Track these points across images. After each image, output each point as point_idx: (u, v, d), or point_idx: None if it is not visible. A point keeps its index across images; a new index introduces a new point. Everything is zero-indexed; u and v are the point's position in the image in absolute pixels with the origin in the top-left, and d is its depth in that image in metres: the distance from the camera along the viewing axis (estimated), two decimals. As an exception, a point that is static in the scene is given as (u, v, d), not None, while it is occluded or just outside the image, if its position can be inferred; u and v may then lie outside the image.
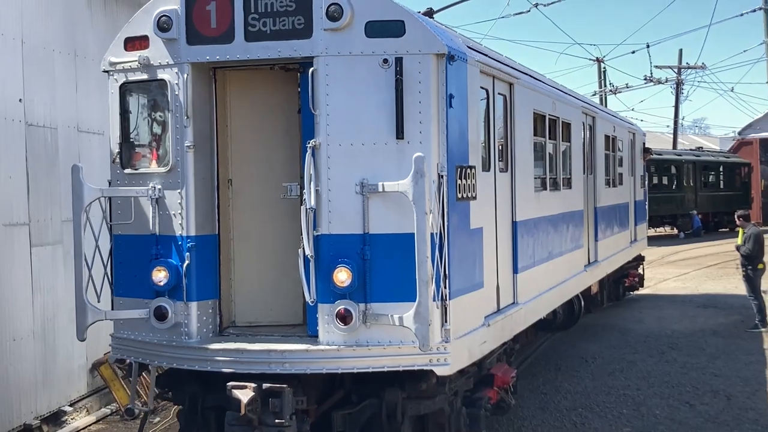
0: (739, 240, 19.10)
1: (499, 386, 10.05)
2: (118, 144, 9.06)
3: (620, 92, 51.14)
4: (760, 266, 18.46)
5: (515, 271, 10.80)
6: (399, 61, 8.08)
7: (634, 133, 23.12)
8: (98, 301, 8.93)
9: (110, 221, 9.07)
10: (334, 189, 8.19)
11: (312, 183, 8.07)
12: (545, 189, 12.54)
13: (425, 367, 8.16)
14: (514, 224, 10.80)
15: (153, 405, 9.05)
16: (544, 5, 32.07)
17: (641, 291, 24.30)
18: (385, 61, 8.13)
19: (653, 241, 39.89)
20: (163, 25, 8.57)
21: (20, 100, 11.45)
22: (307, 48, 8.23)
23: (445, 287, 8.20)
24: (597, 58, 50.06)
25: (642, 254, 24.21)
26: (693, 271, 30.48)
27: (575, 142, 14.84)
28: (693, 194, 47.64)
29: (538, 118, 12.34)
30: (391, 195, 8.04)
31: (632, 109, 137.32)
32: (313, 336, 8.30)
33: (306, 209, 8.02)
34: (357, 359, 8.13)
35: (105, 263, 9.05)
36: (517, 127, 10.95)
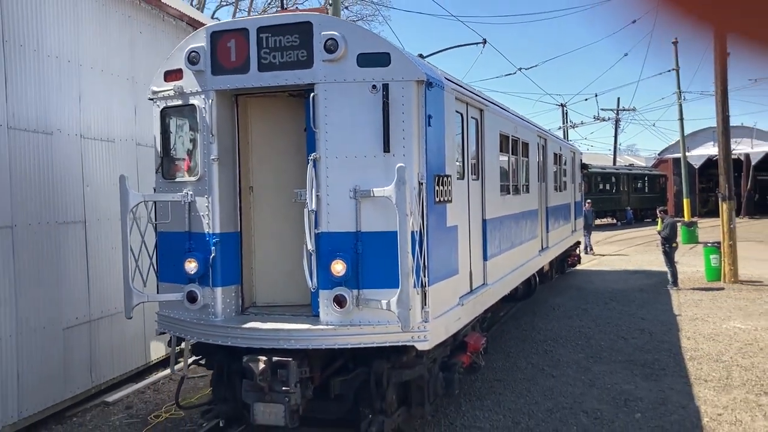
0: (659, 227, 19.15)
1: (471, 351, 8.50)
2: (159, 158, 7.60)
3: (577, 127, 54.90)
4: (674, 245, 18.30)
5: (485, 258, 9.23)
6: (386, 86, 6.55)
7: (574, 152, 21.43)
8: (144, 286, 7.49)
9: (155, 221, 7.60)
10: (332, 194, 6.68)
11: (313, 189, 6.58)
12: (509, 193, 10.95)
13: (408, 343, 6.64)
14: (484, 222, 9.23)
15: (187, 372, 7.55)
16: (525, 69, 35.39)
17: (581, 266, 23.19)
18: (374, 87, 6.60)
19: (599, 228, 40.93)
20: (192, 59, 7.10)
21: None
22: (308, 76, 6.71)
23: (424, 276, 6.68)
24: (561, 103, 50.45)
25: (578, 240, 22.56)
26: (627, 248, 30.46)
27: (532, 157, 13.21)
28: (627, 196, 49.30)
29: (503, 139, 10.75)
30: (379, 199, 6.53)
31: (585, 138, 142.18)
32: (316, 316, 6.80)
33: (308, 211, 6.53)
34: (351, 336, 6.61)
35: (151, 255, 7.59)
36: (487, 144, 9.37)
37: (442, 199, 7.22)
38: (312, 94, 6.68)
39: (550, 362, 10.79)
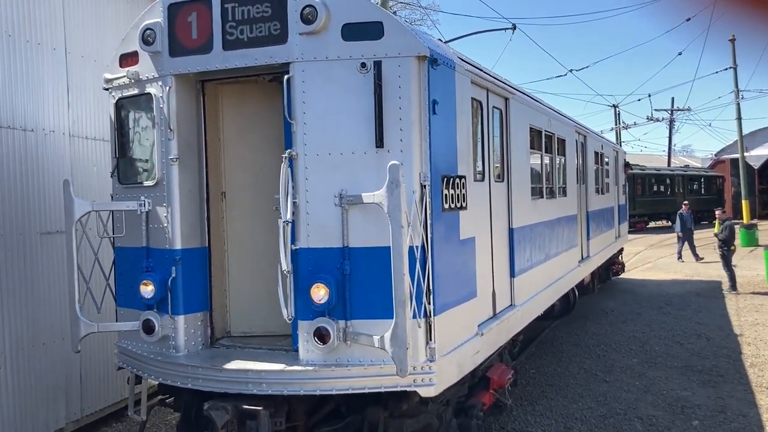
0: (716, 229, 18.77)
1: (495, 388, 7.08)
2: (115, 159, 6.39)
3: (630, 128, 53.68)
4: (732, 248, 17.92)
5: (512, 275, 7.80)
6: (378, 65, 5.21)
7: (617, 151, 19.71)
8: (98, 312, 6.27)
9: (108, 234, 6.39)
10: (313, 201, 5.36)
11: (289, 195, 5.28)
12: (542, 197, 9.48)
13: (408, 389, 5.27)
14: (511, 231, 7.80)
15: (146, 416, 6.29)
16: (576, 70, 34.88)
17: (634, 270, 22.59)
18: (363, 65, 5.27)
19: (654, 230, 42.16)
20: (147, 38, 5.87)
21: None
22: (282, 54, 5.41)
23: (429, 303, 5.31)
24: (613, 104, 50.19)
25: (622, 247, 20.81)
26: (683, 251, 28.89)
27: (569, 156, 11.69)
28: (682, 197, 47.40)
29: (535, 133, 9.31)
30: (370, 206, 5.19)
31: (638, 139, 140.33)
32: (296, 351, 5.49)
33: (282, 222, 5.23)
34: (336, 380, 5.27)
35: (107, 275, 6.39)
36: (513, 139, 7.94)
37: (452, 206, 5.84)
38: (286, 77, 5.39)
39: (603, 367, 10.51)
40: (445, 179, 5.69)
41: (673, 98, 58.35)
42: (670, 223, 46.11)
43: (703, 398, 8.84)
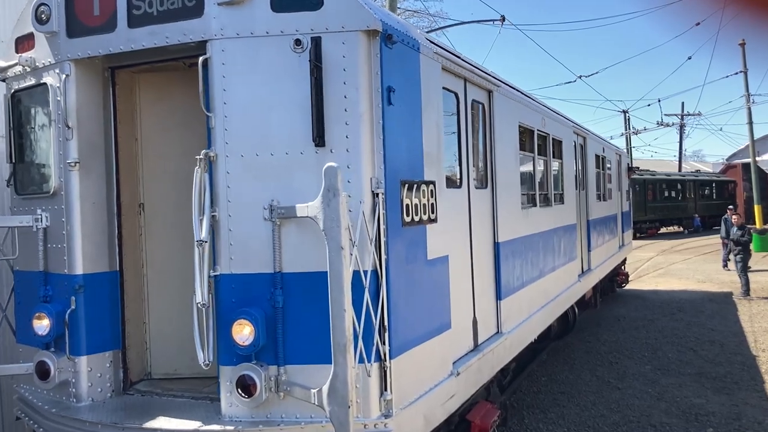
0: (722, 233, 19.13)
1: (478, 434, 5.96)
2: (11, 164, 5.30)
3: (640, 133, 52.25)
4: (749, 252, 17.73)
5: (499, 297, 6.70)
6: (316, 41, 4.13)
7: (620, 155, 18.58)
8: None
9: (4, 255, 5.30)
10: (236, 214, 4.26)
11: (206, 207, 4.19)
12: (534, 205, 8.38)
13: (357, 453, 4.16)
14: (497, 246, 6.70)
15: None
16: (586, 76, 34.07)
17: (647, 275, 21.83)
18: (298, 42, 4.19)
19: (665, 236, 41.82)
20: (41, 16, 4.80)
21: None
22: (198, 30, 4.32)
23: (383, 343, 4.21)
24: (623, 110, 50.21)
25: (626, 257, 19.71)
26: (694, 257, 29.01)
27: (567, 159, 10.59)
28: (694, 203, 47.86)
29: (526, 133, 8.22)
30: (307, 221, 4.09)
31: (649, 144, 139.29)
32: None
33: (197, 242, 4.13)
34: (264, 443, 4.17)
35: (5, 305, 5.30)
36: (499, 139, 6.85)
37: (417, 219, 4.74)
38: (203, 58, 4.30)
39: (615, 374, 10.35)
40: (407, 186, 4.60)
41: (683, 103, 59.19)
42: (682, 229, 46.77)
43: (718, 405, 8.67)
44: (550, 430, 7.92)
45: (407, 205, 4.57)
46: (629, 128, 49.07)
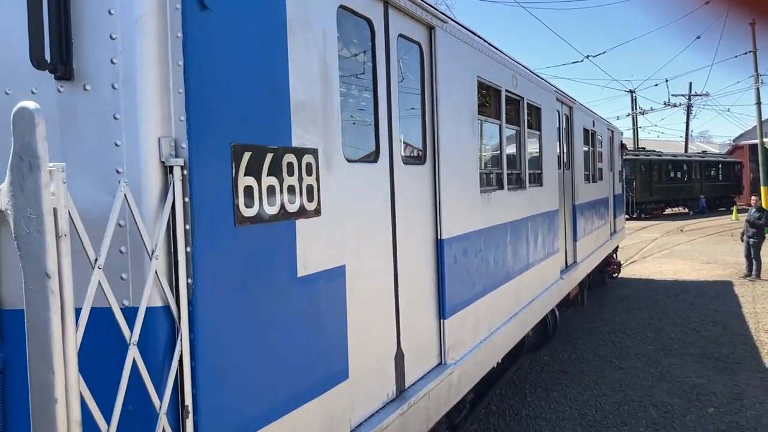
0: (733, 216, 20.33)
1: None
2: None
3: (647, 113, 51.86)
4: (764, 236, 17.42)
5: (442, 315, 4.86)
6: None
7: (612, 131, 16.71)
8: None
9: None
10: None
11: None
12: (501, 188, 6.53)
13: None
14: (440, 243, 4.85)
15: None
16: (593, 56, 36.15)
17: (651, 257, 21.22)
18: None
19: (671, 217, 41.80)
20: None
21: None
22: None
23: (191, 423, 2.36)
24: (630, 90, 50.30)
25: (618, 245, 18.00)
26: (699, 238, 28.77)
27: (547, 131, 8.72)
28: (699, 184, 47.47)
29: (491, 93, 6.37)
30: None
31: (655, 125, 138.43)
32: None
33: None
34: None
35: None
36: (444, 96, 4.96)
37: (271, 212, 2.86)
38: None
39: (618, 354, 10.37)
40: (249, 154, 2.71)
41: (690, 83, 59.61)
42: (687, 210, 46.24)
43: (719, 386, 8.79)
44: (552, 409, 7.98)
45: (248, 189, 2.69)
46: (636, 108, 49.30)
